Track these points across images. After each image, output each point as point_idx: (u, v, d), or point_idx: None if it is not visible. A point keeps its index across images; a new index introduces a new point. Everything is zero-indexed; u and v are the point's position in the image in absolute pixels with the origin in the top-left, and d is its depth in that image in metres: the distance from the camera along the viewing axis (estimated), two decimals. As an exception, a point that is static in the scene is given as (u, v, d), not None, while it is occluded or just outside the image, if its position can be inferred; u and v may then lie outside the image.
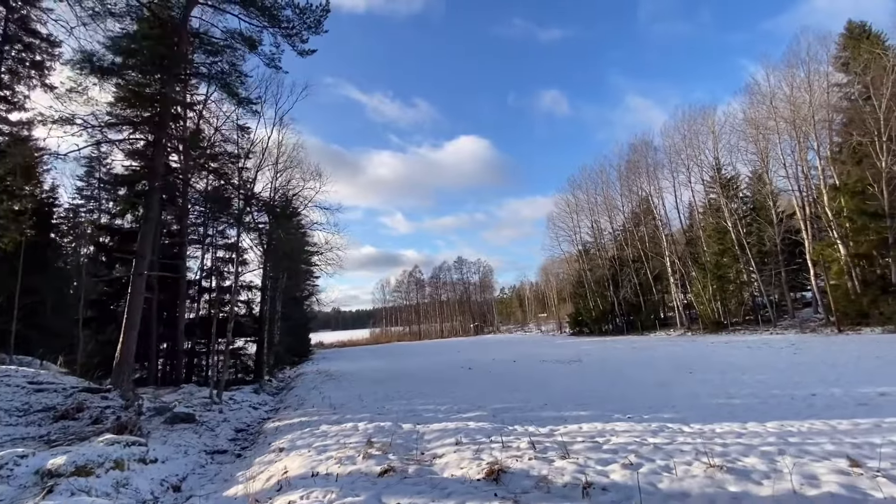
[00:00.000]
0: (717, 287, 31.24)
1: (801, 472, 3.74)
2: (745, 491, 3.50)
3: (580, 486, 3.77)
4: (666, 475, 3.93)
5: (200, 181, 16.25)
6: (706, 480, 3.73)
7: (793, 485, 3.51)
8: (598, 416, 7.11)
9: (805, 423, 5.59)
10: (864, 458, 4.00)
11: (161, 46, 11.94)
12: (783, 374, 10.14)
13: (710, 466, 3.99)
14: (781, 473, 3.73)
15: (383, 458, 5.12)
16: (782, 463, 4.01)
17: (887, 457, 4.01)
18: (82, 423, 8.40)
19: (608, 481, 3.85)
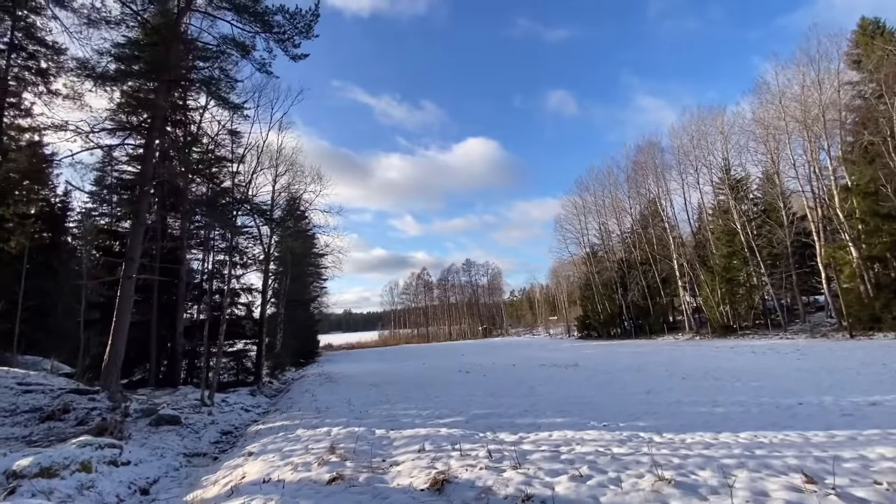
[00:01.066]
0: (725, 290, 30.62)
1: (752, 488, 3.58)
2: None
3: (520, 498, 3.66)
4: (612, 488, 3.79)
5: (200, 185, 16.45)
6: (651, 495, 3.60)
7: (738, 502, 3.35)
8: (574, 423, 6.96)
9: (779, 434, 5.38)
10: (825, 473, 3.82)
11: (155, 53, 12.13)
12: (778, 381, 9.83)
13: (660, 479, 3.84)
14: (731, 489, 3.57)
15: (340, 465, 5.06)
16: (737, 477, 3.84)
17: (848, 472, 3.82)
18: (67, 425, 8.53)
19: (550, 494, 3.73)
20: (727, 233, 31.31)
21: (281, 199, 23.40)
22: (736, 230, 30.23)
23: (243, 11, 13.04)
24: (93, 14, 12.13)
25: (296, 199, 25.20)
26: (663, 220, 36.87)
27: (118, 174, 16.77)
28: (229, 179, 12.95)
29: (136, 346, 17.11)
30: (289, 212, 33.41)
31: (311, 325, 44.29)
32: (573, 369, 15.84)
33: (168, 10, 12.28)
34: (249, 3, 13.10)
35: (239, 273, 19.56)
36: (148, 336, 16.68)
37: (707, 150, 33.92)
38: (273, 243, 21.35)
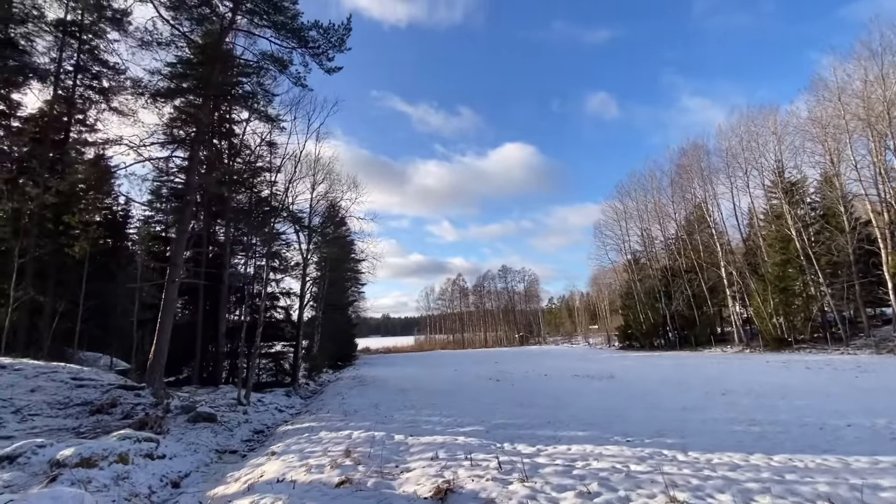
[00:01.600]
0: (779, 301, 28.66)
1: (772, 516, 3.33)
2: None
3: (521, 512, 3.58)
4: (618, 507, 3.64)
5: (242, 195, 17.28)
6: (659, 516, 3.42)
7: (754, 529, 3.13)
8: (596, 437, 6.73)
9: (817, 458, 4.97)
10: (856, 502, 3.50)
11: (200, 71, 12.94)
12: (829, 400, 9.08)
13: (672, 501, 3.65)
14: (748, 515, 3.34)
15: (352, 468, 5.15)
16: (758, 503, 3.59)
17: (883, 503, 3.48)
18: (114, 418, 9.16)
19: (552, 509, 3.63)
20: (781, 239, 29.36)
21: (319, 207, 24.18)
22: (790, 236, 28.31)
23: (281, 28, 13.69)
24: (146, 36, 13.13)
25: (333, 207, 25.99)
26: (710, 225, 35.05)
27: (170, 184, 17.98)
28: (267, 189, 13.59)
29: (183, 346, 18.16)
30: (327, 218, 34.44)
31: (349, 329, 45.19)
32: (607, 381, 15.31)
33: (212, 30, 13.08)
34: (287, 20, 13.74)
35: (277, 278, 20.36)
36: (194, 337, 17.65)
37: (758, 151, 32.10)
38: (310, 249, 22.08)
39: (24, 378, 9.38)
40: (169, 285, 10.81)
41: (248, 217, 12.97)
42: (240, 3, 13.23)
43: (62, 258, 17.30)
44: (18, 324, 16.25)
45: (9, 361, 10.22)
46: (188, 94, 13.03)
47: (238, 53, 14.53)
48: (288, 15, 13.80)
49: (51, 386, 9.33)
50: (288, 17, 13.82)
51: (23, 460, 5.80)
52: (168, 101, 13.66)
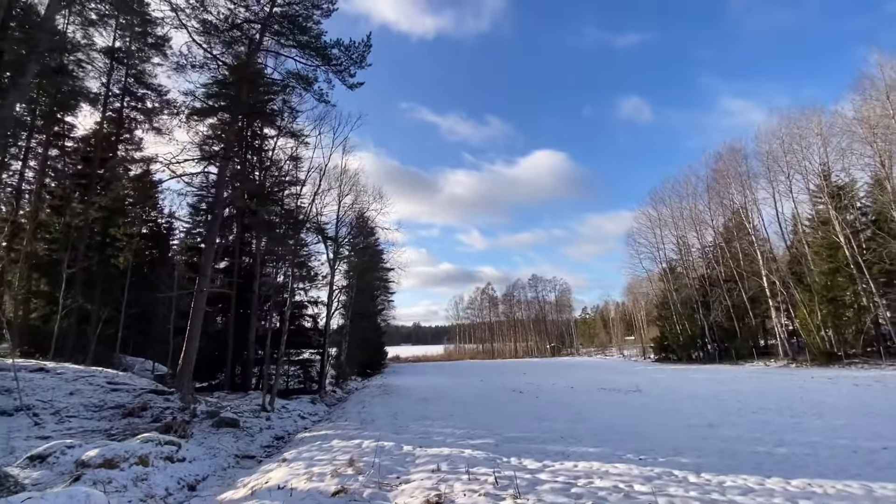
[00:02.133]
0: (827, 312, 26.92)
1: (771, 545, 3.14)
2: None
3: (506, 529, 3.53)
4: (608, 529, 3.52)
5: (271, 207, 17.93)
6: (648, 540, 3.29)
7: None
8: (608, 454, 6.53)
9: (839, 484, 4.62)
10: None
11: (230, 91, 13.62)
12: (870, 421, 8.43)
13: (666, 525, 3.50)
14: (745, 543, 3.16)
15: (352, 478, 5.21)
16: (759, 530, 3.39)
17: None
18: (144, 421, 9.63)
19: (538, 528, 3.55)
20: (828, 246, 27.64)
21: (347, 218, 24.76)
22: (838, 243, 26.61)
23: (306, 47, 14.25)
24: (181, 60, 13.98)
25: (361, 217, 26.55)
26: (749, 232, 33.43)
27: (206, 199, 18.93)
28: (294, 202, 14.11)
29: (216, 352, 18.92)
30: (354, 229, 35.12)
31: (377, 337, 45.71)
32: (634, 395, 14.80)
33: (240, 52, 13.77)
34: (311, 40, 14.29)
35: (304, 287, 20.91)
36: (226, 344, 18.35)
37: (801, 154, 30.46)
38: (337, 259, 22.58)
39: (65, 381, 10.04)
40: (197, 295, 11.35)
41: (271, 230, 13.41)
42: (267, 26, 13.87)
43: (108, 268, 18.47)
44: (68, 330, 17.41)
45: (52, 365, 10.98)
46: (220, 114, 13.73)
47: (267, 73, 15.17)
48: (312, 34, 14.36)
49: (88, 389, 9.94)
50: (312, 36, 14.38)
51: (52, 460, 6.20)
52: (202, 119, 14.44)
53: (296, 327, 21.65)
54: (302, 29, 14.33)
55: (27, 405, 8.58)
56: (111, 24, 19.33)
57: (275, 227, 12.84)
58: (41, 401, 8.98)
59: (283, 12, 14.02)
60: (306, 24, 14.32)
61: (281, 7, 13.89)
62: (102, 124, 19.29)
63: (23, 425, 8.22)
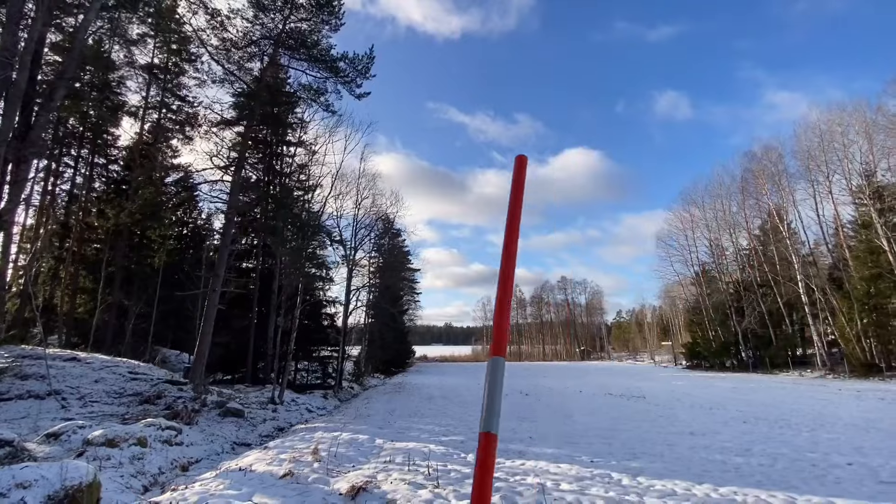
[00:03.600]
0: (868, 321, 25.31)
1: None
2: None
3: (408, 513, 3.91)
4: (500, 518, 3.83)
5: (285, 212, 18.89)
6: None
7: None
8: (564, 456, 6.74)
9: (763, 494, 4.67)
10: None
11: (248, 104, 14.59)
12: (858, 436, 8.12)
13: (554, 517, 3.77)
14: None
15: (307, 465, 5.73)
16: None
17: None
18: (158, 408, 10.60)
19: (436, 514, 3.91)
20: (870, 251, 25.96)
21: (365, 220, 25.60)
22: (881, 247, 24.97)
23: (316, 60, 15.04)
24: (202, 76, 15.12)
25: (385, 220, 27.39)
26: (785, 235, 31.83)
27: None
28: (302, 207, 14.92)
29: (238, 348, 20.16)
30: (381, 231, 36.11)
31: (402, 336, 46.48)
32: (636, 401, 14.65)
33: (254, 68, 14.74)
34: (322, 54, 15.07)
35: (322, 286, 21.84)
36: (247, 340, 19.52)
37: (843, 152, 28.75)
38: (352, 259, 23.45)
39: (92, 370, 11.19)
40: (210, 294, 12.29)
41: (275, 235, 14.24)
42: (280, 42, 14.74)
43: (144, 268, 20.07)
44: (108, 323, 19.08)
45: (83, 356, 12.22)
46: (238, 125, 14.76)
47: (280, 86, 16.09)
48: (321, 48, 15.14)
49: (111, 378, 11.03)
50: (321, 50, 15.16)
51: (64, 438, 7.08)
52: (222, 129, 15.52)
53: (314, 325, 22.69)
54: (312, 44, 15.14)
55: (57, 390, 9.68)
56: (150, 44, 20.94)
57: (279, 231, 13.61)
58: (70, 387, 10.09)
59: (295, 28, 14.86)
60: (316, 38, 15.11)
61: (293, 23, 14.72)
62: (142, 135, 20.95)
63: (52, 408, 9.30)
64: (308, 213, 15.20)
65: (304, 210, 15.13)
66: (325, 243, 19.56)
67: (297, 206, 14.85)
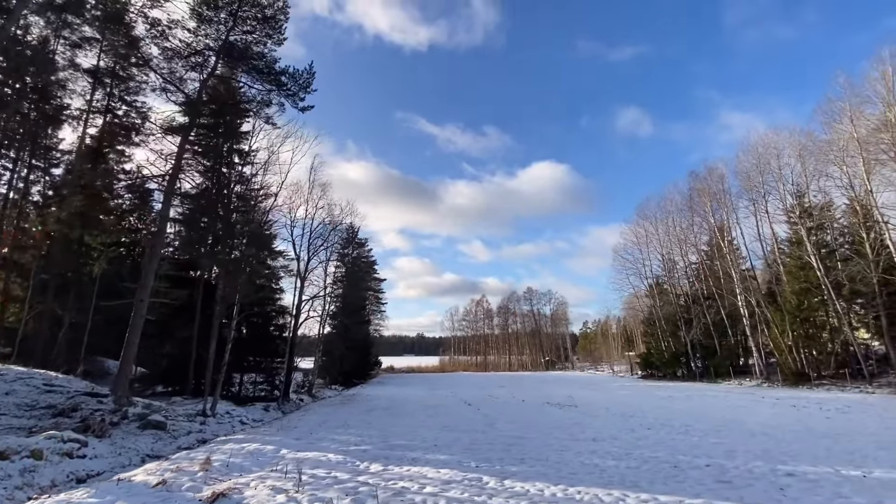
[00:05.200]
0: (798, 333, 26.93)
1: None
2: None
3: (252, 516, 4.14)
4: (337, 519, 4.11)
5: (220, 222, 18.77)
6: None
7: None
8: (453, 462, 7.05)
9: (601, 491, 5.13)
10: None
11: (188, 113, 14.59)
12: (744, 440, 8.79)
13: (386, 517, 4.08)
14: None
15: (188, 474, 5.86)
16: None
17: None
18: (74, 421, 10.37)
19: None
20: (800, 267, 27.73)
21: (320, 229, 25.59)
22: (810, 263, 26.70)
23: (259, 73, 15.22)
24: (145, 84, 15.05)
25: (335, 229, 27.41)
26: (725, 252, 33.60)
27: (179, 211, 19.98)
28: (242, 217, 14.98)
29: (182, 360, 19.75)
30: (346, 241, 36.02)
31: (365, 348, 46.13)
32: (566, 409, 15.22)
33: (195, 78, 14.79)
34: (267, 67, 15.26)
35: (272, 297, 21.69)
36: (188, 353, 19.16)
37: (777, 174, 30.70)
38: (307, 272, 23.42)
39: (4, 382, 10.86)
40: (137, 304, 12.15)
41: (215, 244, 14.23)
42: (224, 54, 14.86)
43: (81, 276, 19.49)
44: (40, 333, 18.38)
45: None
46: (177, 134, 14.74)
47: (230, 97, 16.16)
48: (267, 61, 15.34)
49: (24, 390, 10.74)
50: (267, 63, 15.36)
51: (-48, 450, 6.93)
52: (163, 138, 15.44)
53: (262, 335, 22.44)
54: (258, 56, 15.32)
55: (-40, 403, 9.37)
56: (96, 46, 20.59)
57: (218, 242, 13.60)
58: (-25, 399, 9.78)
59: (239, 41, 15.01)
60: (261, 51, 15.31)
61: (236, 36, 14.88)
62: (83, 139, 20.47)
63: (-48, 421, 9.01)
64: (250, 224, 15.22)
65: (248, 221, 15.14)
66: (274, 254, 19.51)
67: (240, 216, 14.85)
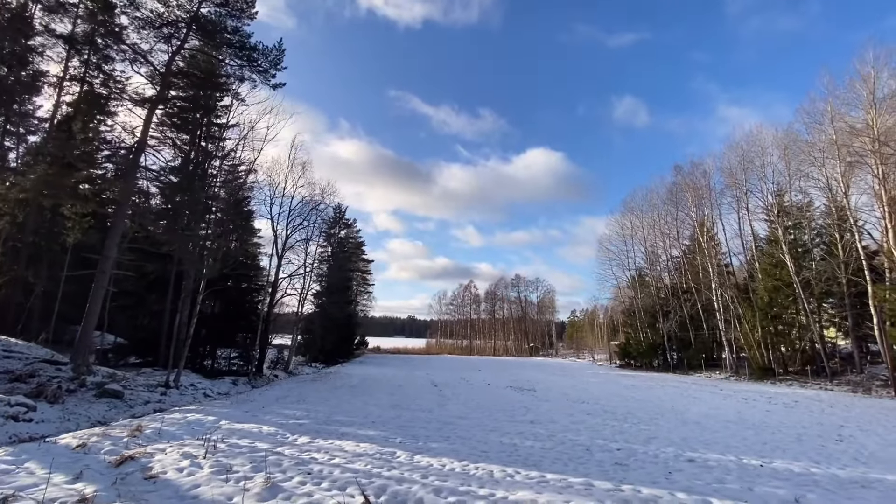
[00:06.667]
0: (767, 329, 27.54)
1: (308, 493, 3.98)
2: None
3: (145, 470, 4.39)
4: (225, 476, 4.38)
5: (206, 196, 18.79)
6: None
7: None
8: (378, 437, 7.37)
9: (495, 469, 5.44)
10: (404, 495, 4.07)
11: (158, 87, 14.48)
12: (671, 428, 9.18)
13: (268, 480, 4.35)
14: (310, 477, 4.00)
15: (115, 440, 6.11)
16: (315, 474, 4.23)
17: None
18: (30, 387, 10.59)
19: (172, 476, 4.42)
20: (774, 264, 28.19)
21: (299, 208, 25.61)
22: (784, 261, 27.15)
23: (230, 46, 15.07)
24: (118, 55, 14.89)
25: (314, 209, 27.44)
26: (704, 247, 34.03)
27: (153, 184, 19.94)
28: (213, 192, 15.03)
29: (151, 333, 20.00)
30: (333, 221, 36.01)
31: (348, 327, 46.46)
32: (523, 393, 15.66)
33: (165, 50, 14.64)
34: (237, 41, 15.10)
35: (248, 273, 21.86)
36: (160, 326, 19.37)
37: (760, 172, 30.90)
38: (284, 250, 23.54)
39: (-38, 347, 11.06)
40: (99, 275, 12.29)
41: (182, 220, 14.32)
42: (194, 26, 14.68)
43: (53, 245, 19.53)
44: (10, 300, 18.50)
45: (-43, 332, 11.99)
46: (144, 106, 14.67)
47: (209, 71, 16.02)
48: (240, 36, 15.18)
49: (-20, 355, 10.94)
50: (241, 38, 15.21)
51: None
52: (134, 109, 15.35)
53: (237, 311, 22.69)
54: (233, 30, 15.15)
55: (-87, 365, 9.56)
56: (71, 12, 20.19)
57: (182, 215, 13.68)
58: (-70, 362, 9.97)
59: (211, 13, 14.83)
60: (234, 25, 15.14)
61: (208, 8, 14.69)
62: (58, 106, 20.24)
63: None
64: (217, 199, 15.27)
65: (214, 196, 15.20)
66: (246, 231, 19.59)
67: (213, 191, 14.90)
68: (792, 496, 4.78)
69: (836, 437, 8.87)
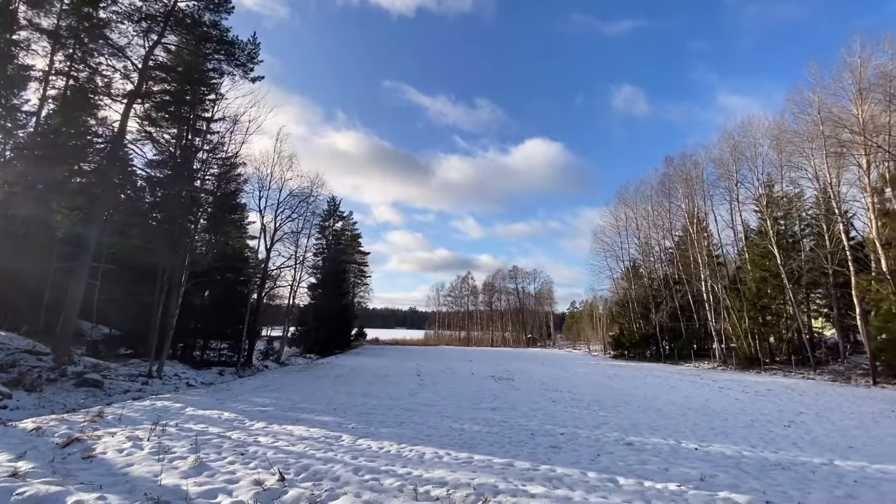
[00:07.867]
0: (755, 319, 27.70)
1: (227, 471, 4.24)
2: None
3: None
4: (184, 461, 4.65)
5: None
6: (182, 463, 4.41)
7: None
8: (335, 424, 7.63)
9: (427, 450, 5.70)
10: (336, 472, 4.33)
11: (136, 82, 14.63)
12: (647, 415, 9.44)
13: (198, 460, 4.61)
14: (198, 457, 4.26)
15: (72, 424, 6.39)
16: (249, 454, 4.49)
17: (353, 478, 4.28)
18: (9, 376, 10.93)
19: (115, 457, 4.70)
20: (762, 255, 28.28)
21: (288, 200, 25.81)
22: (772, 252, 27.23)
23: (209, 41, 15.16)
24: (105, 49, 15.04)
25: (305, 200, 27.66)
26: (694, 238, 34.12)
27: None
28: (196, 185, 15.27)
29: (143, 324, 20.34)
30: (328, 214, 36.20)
31: (344, 318, 46.81)
32: (499, 382, 15.96)
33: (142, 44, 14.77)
34: (216, 35, 15.20)
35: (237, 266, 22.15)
36: (150, 317, 19.69)
37: (752, 163, 30.85)
38: (273, 243, 23.82)
39: (-56, 337, 11.38)
40: (80, 266, 12.56)
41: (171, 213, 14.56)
42: (172, 20, 14.79)
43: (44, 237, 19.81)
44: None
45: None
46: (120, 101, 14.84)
47: (192, 64, 16.13)
48: (219, 30, 15.28)
49: (-39, 345, 11.27)
50: (219, 31, 15.31)
51: None
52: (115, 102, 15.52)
53: (227, 303, 23.02)
54: (211, 24, 15.25)
55: None
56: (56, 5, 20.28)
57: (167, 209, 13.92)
58: (-87, 352, 10.30)
59: (188, 6, 14.92)
60: (215, 19, 15.23)
61: (185, 2, 14.78)
62: (44, 101, 20.41)
63: None
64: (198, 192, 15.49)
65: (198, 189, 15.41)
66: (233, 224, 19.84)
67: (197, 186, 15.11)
68: (701, 476, 5.01)
69: (786, 423, 9.10)
